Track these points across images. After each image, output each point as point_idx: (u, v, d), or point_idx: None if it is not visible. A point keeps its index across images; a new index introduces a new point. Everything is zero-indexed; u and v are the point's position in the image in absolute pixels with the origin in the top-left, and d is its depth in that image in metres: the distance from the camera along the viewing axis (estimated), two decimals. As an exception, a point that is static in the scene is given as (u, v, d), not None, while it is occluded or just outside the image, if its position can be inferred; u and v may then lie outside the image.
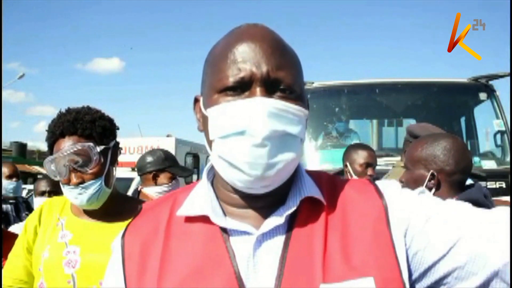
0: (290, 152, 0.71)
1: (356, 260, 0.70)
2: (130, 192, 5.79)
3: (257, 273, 0.70)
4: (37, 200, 3.24)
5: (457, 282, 0.72)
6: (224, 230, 0.74)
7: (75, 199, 1.41)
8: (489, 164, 4.38)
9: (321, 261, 0.70)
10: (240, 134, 0.68)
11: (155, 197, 2.47)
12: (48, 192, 3.23)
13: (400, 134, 5.94)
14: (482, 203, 1.49)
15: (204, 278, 0.70)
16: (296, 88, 0.73)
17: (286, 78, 0.71)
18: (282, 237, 0.73)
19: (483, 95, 4.65)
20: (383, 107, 5.10)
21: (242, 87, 0.70)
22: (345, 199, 0.77)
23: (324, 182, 0.80)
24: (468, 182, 1.67)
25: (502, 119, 4.48)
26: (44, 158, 1.46)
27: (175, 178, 2.69)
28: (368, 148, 3.11)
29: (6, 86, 20.62)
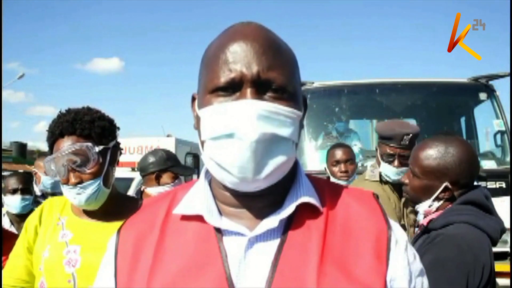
0: (281, 155, 0.70)
1: (354, 272, 0.70)
2: (130, 192, 5.80)
3: (248, 275, 0.70)
4: (9, 199, 3.10)
5: None
6: (218, 230, 0.74)
7: (73, 199, 1.41)
8: (489, 164, 4.38)
9: (316, 268, 0.69)
10: (229, 137, 0.67)
11: None
12: (21, 189, 3.12)
13: (400, 134, 5.94)
14: (483, 204, 1.50)
15: (195, 277, 0.70)
16: (289, 88, 0.71)
17: (277, 78, 0.70)
18: (276, 240, 0.72)
19: (483, 95, 4.65)
20: (383, 107, 5.09)
21: (233, 88, 0.70)
22: (347, 209, 0.77)
23: (324, 189, 0.79)
24: None
25: (502, 119, 4.49)
26: (44, 158, 1.46)
27: (178, 177, 2.68)
28: (339, 145, 3.13)
29: (6, 86, 20.65)
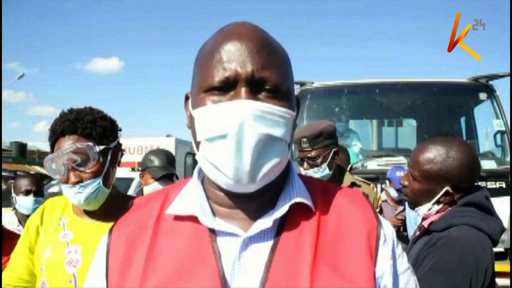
0: (275, 156, 0.70)
1: (346, 271, 0.70)
2: (130, 192, 5.80)
3: (242, 275, 0.70)
4: (22, 199, 3.15)
5: None
6: (212, 231, 0.73)
7: (73, 198, 1.41)
8: (489, 164, 4.38)
9: (309, 268, 0.69)
10: (224, 138, 0.67)
11: None
12: (34, 191, 3.15)
13: (400, 134, 5.95)
14: (484, 205, 1.50)
15: (188, 278, 0.70)
16: (283, 88, 0.72)
17: (271, 77, 0.70)
18: (270, 241, 0.72)
19: (483, 95, 4.65)
20: (383, 107, 5.10)
21: (227, 87, 0.69)
22: (339, 208, 0.77)
23: (317, 189, 0.80)
24: None
25: (502, 119, 4.48)
26: (44, 158, 1.46)
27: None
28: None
29: (6, 86, 20.66)
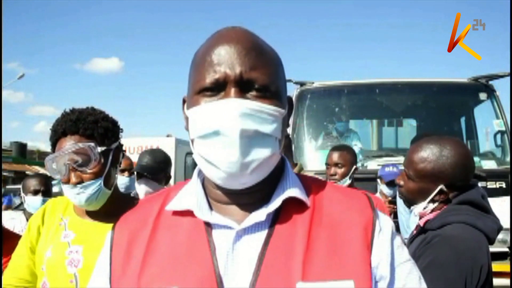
0: (264, 150, 0.74)
1: (340, 262, 0.73)
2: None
3: (235, 267, 0.73)
4: (30, 199, 3.17)
5: None
6: (208, 225, 0.78)
7: (74, 199, 1.41)
8: (489, 164, 4.39)
9: (301, 260, 0.72)
10: (216, 134, 0.72)
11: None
12: (42, 191, 3.16)
13: (400, 134, 5.95)
14: (480, 203, 1.51)
15: (183, 269, 0.74)
16: (272, 88, 0.75)
17: (260, 78, 0.74)
18: (263, 233, 0.75)
19: (483, 95, 4.65)
20: (383, 107, 5.10)
21: (218, 88, 0.74)
22: (333, 202, 0.80)
23: (311, 185, 0.83)
24: None
25: (502, 119, 4.49)
26: (44, 158, 1.46)
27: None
28: (336, 148, 3.04)
29: (5, 86, 20.67)
